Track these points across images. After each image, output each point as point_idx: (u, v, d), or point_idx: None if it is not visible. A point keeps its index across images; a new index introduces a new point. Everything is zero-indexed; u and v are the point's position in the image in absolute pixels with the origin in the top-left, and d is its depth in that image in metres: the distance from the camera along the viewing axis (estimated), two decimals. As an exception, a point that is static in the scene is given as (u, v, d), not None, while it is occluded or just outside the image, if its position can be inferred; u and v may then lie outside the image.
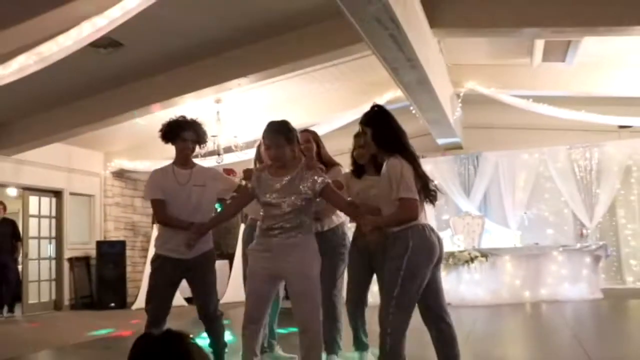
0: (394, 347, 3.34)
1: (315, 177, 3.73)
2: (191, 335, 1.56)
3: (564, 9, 6.37)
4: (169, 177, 4.41)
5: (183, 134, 4.39)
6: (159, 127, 4.53)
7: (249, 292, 3.83)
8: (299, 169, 3.78)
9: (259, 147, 5.02)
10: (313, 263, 3.74)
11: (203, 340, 4.24)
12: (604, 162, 10.70)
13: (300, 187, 3.71)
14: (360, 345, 4.50)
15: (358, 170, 4.39)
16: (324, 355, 4.26)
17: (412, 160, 3.49)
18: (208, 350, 4.26)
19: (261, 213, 3.86)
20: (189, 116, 4.53)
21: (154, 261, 4.42)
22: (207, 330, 4.40)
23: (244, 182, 4.30)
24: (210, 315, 4.36)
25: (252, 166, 5.12)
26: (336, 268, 4.47)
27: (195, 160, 4.67)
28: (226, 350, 4.39)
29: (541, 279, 9.06)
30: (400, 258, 3.36)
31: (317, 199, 3.80)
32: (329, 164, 4.61)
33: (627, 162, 10.63)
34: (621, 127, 10.67)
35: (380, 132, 3.58)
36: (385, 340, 3.35)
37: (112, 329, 7.87)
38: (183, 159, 4.46)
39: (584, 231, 10.58)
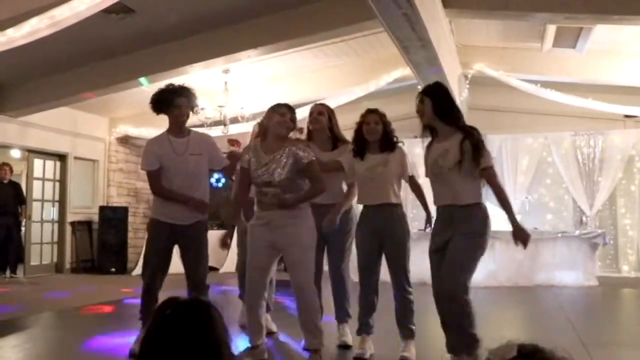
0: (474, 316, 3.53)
1: (300, 153, 3.89)
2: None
3: (579, -5, 6.36)
4: (166, 147, 4.38)
5: (177, 100, 4.35)
6: None
7: (251, 266, 4.01)
8: (288, 146, 3.93)
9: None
10: (308, 234, 3.96)
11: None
12: (607, 150, 10.72)
13: (286, 161, 3.87)
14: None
15: (360, 150, 4.34)
16: (336, 324, 4.60)
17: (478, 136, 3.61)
18: None
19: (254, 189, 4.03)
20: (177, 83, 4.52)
21: (150, 226, 4.53)
22: None
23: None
24: (197, 284, 4.35)
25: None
26: (344, 242, 4.62)
27: (194, 130, 4.68)
28: None
29: (538, 264, 9.13)
30: (483, 236, 3.59)
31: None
32: (339, 140, 4.71)
33: (630, 151, 10.65)
34: (627, 116, 10.66)
35: (440, 103, 3.72)
36: (469, 312, 3.52)
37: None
38: (178, 127, 4.42)
39: (584, 218, 10.64)
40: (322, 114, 4.69)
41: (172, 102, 4.35)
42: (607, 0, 6.30)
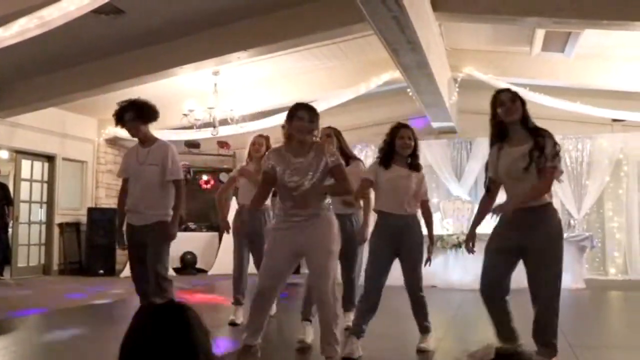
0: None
1: (329, 157, 3.89)
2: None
3: (568, 0, 6.40)
4: (133, 156, 4.75)
5: (125, 115, 4.66)
6: (153, 95, 4.84)
7: (266, 269, 3.94)
8: (315, 149, 3.90)
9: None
10: (334, 239, 3.90)
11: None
12: (595, 154, 10.79)
13: (316, 166, 3.85)
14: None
15: (386, 160, 4.55)
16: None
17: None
18: None
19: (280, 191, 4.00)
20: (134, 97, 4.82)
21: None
22: None
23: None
24: (156, 282, 4.53)
25: (246, 140, 5.86)
26: (356, 250, 5.15)
27: (184, 132, 4.94)
28: None
29: (526, 266, 9.15)
30: (561, 238, 3.68)
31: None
32: (350, 157, 5.17)
33: (618, 155, 10.72)
34: (614, 120, 10.74)
35: (526, 109, 3.76)
36: (554, 321, 3.66)
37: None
38: (138, 139, 4.76)
39: (571, 221, 10.70)
40: (330, 136, 5.09)
41: (122, 118, 4.67)
42: (596, 5, 6.34)
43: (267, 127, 10.25)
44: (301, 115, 3.85)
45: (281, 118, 11.09)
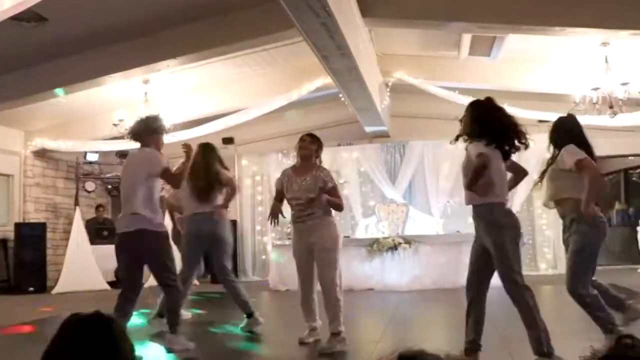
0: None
1: (327, 180, 4.89)
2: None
3: (491, 6, 6.64)
4: None
5: None
6: (82, 105, 4.66)
7: (297, 269, 4.95)
8: (318, 170, 4.92)
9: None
10: (334, 238, 4.83)
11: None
12: (523, 154, 10.90)
13: (314, 185, 4.83)
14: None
15: None
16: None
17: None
18: None
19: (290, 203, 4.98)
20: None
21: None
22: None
23: None
24: None
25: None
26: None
27: (115, 142, 4.83)
28: None
29: (462, 266, 9.31)
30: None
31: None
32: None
33: (545, 154, 10.95)
34: (540, 121, 11.08)
35: None
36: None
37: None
38: None
39: (503, 220, 10.98)
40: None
41: None
42: (517, 11, 6.58)
43: (199, 136, 10.17)
44: (303, 138, 4.99)
45: (213, 126, 10.98)
